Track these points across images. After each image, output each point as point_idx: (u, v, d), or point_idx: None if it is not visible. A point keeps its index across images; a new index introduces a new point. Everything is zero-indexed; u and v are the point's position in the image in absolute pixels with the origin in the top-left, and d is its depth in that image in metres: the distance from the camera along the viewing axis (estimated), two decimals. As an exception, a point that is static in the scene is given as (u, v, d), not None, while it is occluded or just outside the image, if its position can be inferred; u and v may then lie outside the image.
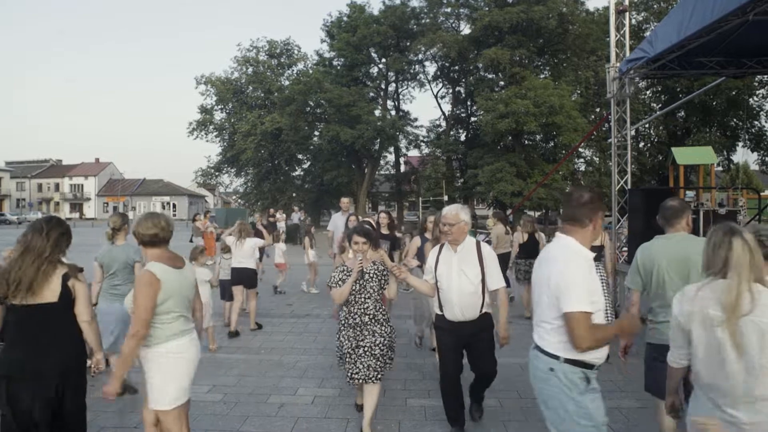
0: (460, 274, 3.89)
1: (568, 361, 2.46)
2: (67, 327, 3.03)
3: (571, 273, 2.44)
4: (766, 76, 27.58)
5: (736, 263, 2.17)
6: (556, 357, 2.48)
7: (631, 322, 2.73)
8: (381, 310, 4.16)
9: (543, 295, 2.56)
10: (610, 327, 2.58)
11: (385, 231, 7.32)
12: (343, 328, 4.16)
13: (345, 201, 8.95)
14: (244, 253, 7.46)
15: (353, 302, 4.09)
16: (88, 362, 3.27)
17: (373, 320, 4.09)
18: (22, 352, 2.89)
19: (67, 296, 3.00)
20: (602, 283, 8.49)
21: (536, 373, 2.60)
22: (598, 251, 8.20)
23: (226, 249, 7.79)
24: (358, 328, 4.08)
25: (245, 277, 7.47)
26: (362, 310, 4.08)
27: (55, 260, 3.03)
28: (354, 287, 4.07)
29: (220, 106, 41.06)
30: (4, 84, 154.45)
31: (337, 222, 8.94)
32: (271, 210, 22.43)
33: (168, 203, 68.79)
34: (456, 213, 3.91)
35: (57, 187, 73.74)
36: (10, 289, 2.88)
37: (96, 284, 4.96)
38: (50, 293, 2.95)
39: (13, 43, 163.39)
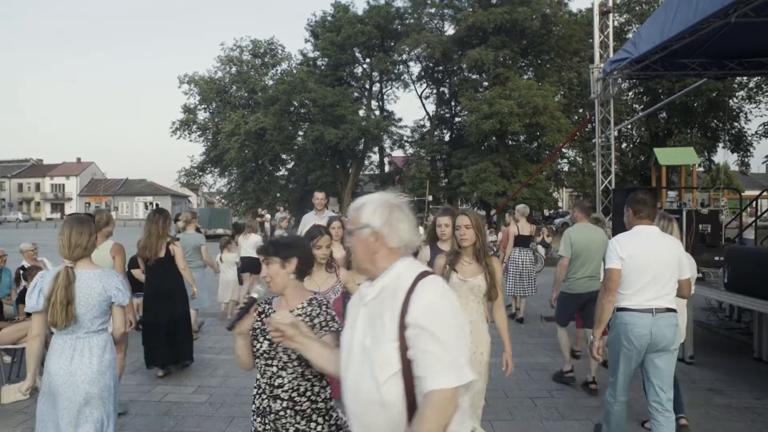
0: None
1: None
2: (173, 270, 5.43)
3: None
4: (745, 78, 28.06)
5: None
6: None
7: None
8: (312, 389, 2.22)
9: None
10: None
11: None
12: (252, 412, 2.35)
13: (319, 197, 7.01)
14: (250, 244, 8.64)
15: (261, 370, 2.27)
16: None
17: (289, 408, 2.19)
18: (153, 284, 5.45)
19: (169, 254, 5.35)
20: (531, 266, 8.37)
21: (671, 328, 3.45)
22: (528, 240, 8.36)
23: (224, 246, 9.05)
24: (266, 420, 2.24)
25: (252, 265, 8.66)
26: (270, 388, 2.22)
27: (164, 234, 5.36)
28: (257, 344, 2.25)
29: (203, 106, 40.67)
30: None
31: (310, 224, 7.05)
32: (259, 209, 22.26)
33: (151, 203, 67.92)
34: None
35: (38, 186, 72.49)
36: (147, 253, 5.34)
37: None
38: (162, 253, 5.32)
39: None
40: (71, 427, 2.76)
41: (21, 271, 6.66)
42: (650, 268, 3.44)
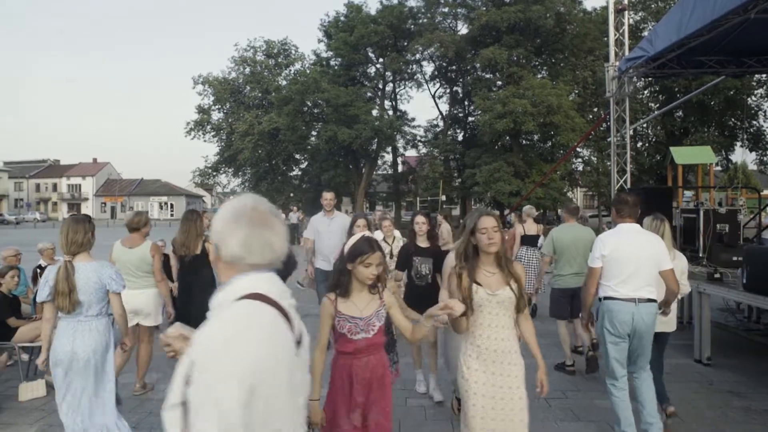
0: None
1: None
2: (207, 265, 5.17)
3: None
4: (764, 76, 27.62)
5: None
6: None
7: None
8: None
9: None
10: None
11: (423, 243, 4.99)
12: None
13: (328, 197, 6.63)
14: None
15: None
16: None
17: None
18: (188, 280, 5.28)
19: (204, 251, 5.26)
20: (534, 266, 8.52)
21: (651, 316, 3.84)
22: (535, 240, 8.49)
23: None
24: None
25: None
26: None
27: (201, 233, 5.37)
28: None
29: (217, 106, 40.98)
30: (2, 84, 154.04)
31: (318, 227, 6.69)
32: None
33: (166, 203, 68.64)
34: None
35: (55, 187, 73.51)
36: (185, 249, 5.26)
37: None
38: (198, 249, 5.27)
39: (11, 42, 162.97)
40: (79, 392, 3.41)
41: (38, 270, 6.74)
42: (632, 262, 3.84)
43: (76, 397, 3.39)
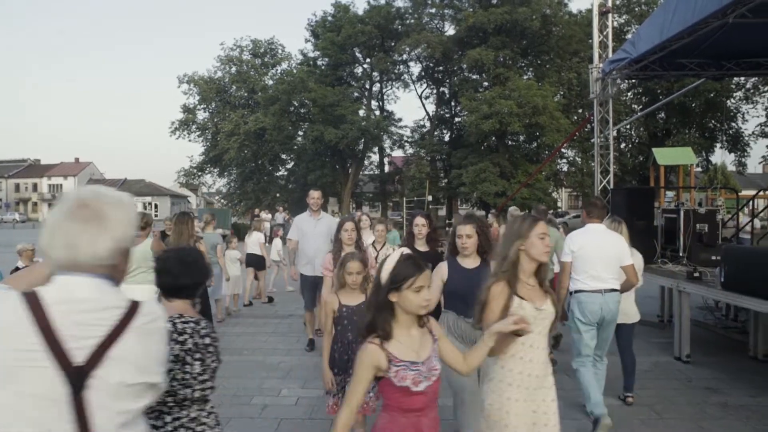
0: None
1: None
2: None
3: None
4: (743, 79, 28.13)
5: None
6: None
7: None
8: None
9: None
10: None
11: (422, 247, 4.64)
12: None
13: (315, 195, 6.38)
14: (253, 242, 9.77)
15: None
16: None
17: None
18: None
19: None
20: None
21: (616, 304, 4.35)
22: None
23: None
24: None
25: (254, 261, 9.72)
26: None
27: (193, 234, 5.88)
28: None
29: (202, 106, 40.61)
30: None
31: (303, 227, 6.40)
32: (257, 210, 22.25)
33: (150, 203, 67.95)
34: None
35: (35, 187, 72.46)
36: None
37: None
38: None
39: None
40: None
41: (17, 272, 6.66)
42: (598, 258, 4.34)
43: None
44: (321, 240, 6.27)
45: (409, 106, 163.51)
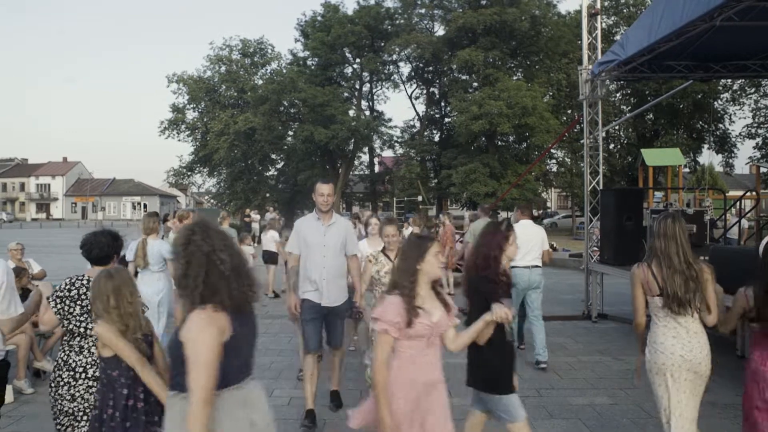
0: None
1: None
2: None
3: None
4: (729, 81, 28.43)
5: None
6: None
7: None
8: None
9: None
10: None
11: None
12: None
13: (326, 191, 4.34)
14: (268, 240, 10.73)
15: None
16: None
17: None
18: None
19: None
20: None
21: (539, 276, 6.11)
22: None
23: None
24: None
25: (270, 257, 10.66)
26: None
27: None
28: None
29: (192, 105, 40.39)
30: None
31: (307, 237, 4.42)
32: (247, 210, 22.17)
33: (139, 203, 67.48)
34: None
35: (22, 186, 71.73)
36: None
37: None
38: None
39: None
40: (154, 321, 4.99)
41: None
42: (528, 244, 5.89)
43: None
44: (333, 254, 4.37)
45: (399, 106, 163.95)
